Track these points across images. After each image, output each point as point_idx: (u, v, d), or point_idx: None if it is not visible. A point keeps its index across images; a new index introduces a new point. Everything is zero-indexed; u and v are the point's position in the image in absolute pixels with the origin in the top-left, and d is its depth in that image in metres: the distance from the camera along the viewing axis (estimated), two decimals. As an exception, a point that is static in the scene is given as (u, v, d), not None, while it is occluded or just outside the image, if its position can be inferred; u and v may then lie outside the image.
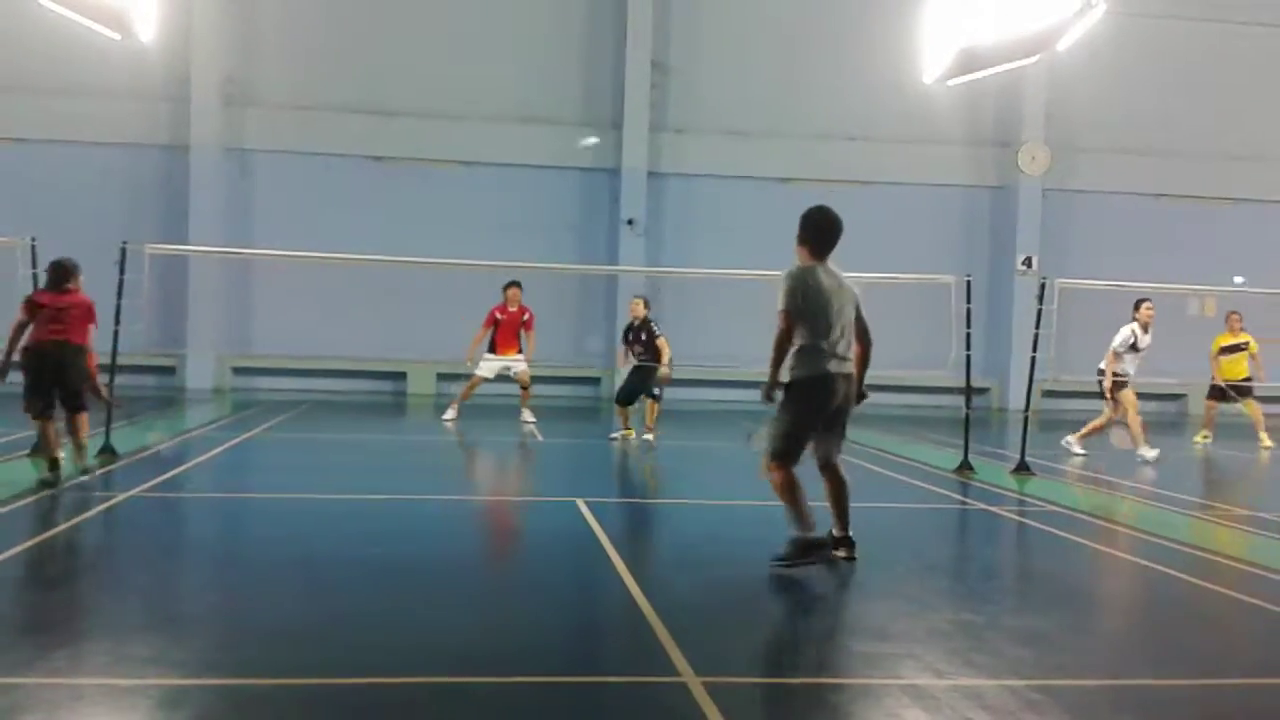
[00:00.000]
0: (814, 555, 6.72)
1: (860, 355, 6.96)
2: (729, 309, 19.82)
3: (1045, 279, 12.28)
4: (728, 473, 11.97)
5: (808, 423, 6.69)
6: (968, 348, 12.06)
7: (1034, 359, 12.02)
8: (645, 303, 14.22)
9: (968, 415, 12.16)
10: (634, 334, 14.02)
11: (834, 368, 6.61)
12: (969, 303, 11.97)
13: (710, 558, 7.37)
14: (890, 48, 19.28)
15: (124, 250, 11.21)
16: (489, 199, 21.01)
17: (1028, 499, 10.32)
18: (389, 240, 18.11)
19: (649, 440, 13.66)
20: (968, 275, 12.46)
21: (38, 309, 9.41)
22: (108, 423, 10.91)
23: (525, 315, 15.65)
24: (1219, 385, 15.74)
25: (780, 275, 6.80)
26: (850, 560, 6.98)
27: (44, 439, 9.43)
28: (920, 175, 22.27)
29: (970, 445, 11.99)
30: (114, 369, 10.96)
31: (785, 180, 21.79)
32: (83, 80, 19.54)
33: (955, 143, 22.48)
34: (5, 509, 8.06)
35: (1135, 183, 22.63)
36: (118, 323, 11.02)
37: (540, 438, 14.29)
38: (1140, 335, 13.17)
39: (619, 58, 21.49)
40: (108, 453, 10.60)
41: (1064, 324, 12.65)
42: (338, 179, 20.82)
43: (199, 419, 15.51)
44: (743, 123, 21.93)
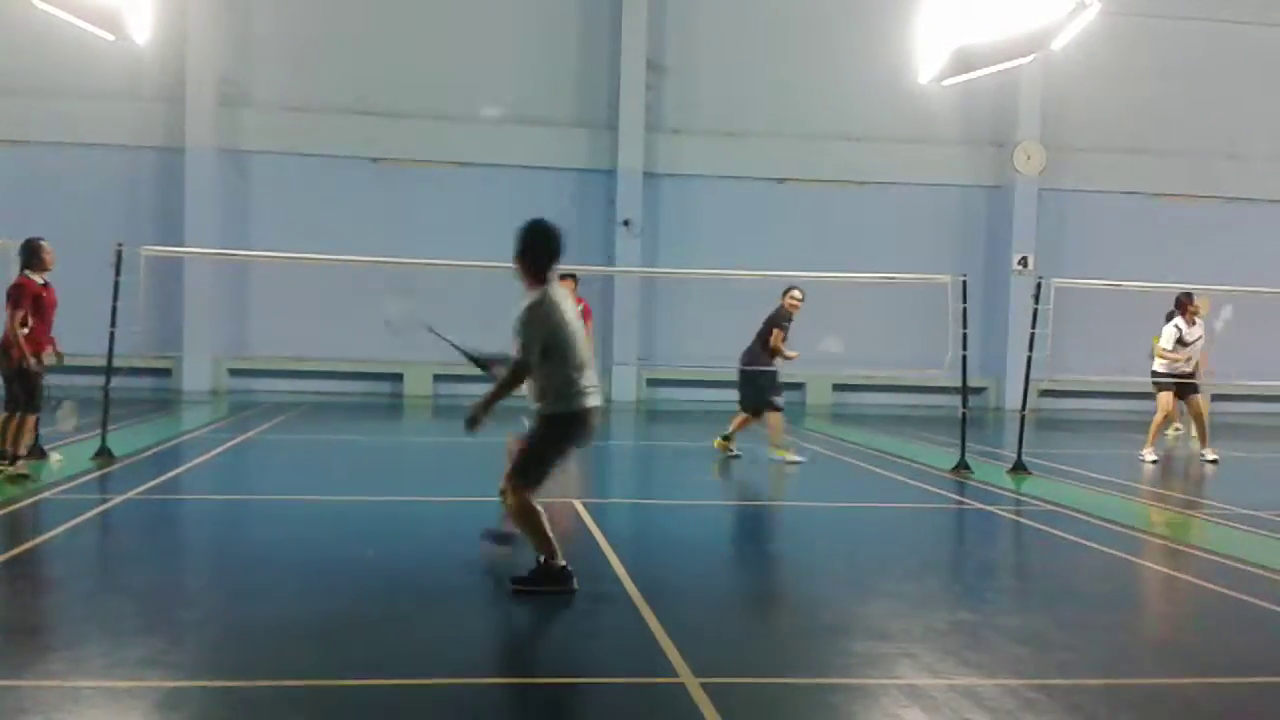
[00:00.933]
0: (555, 585, 6.13)
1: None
2: (725, 309, 19.83)
3: (1041, 278, 12.30)
4: (724, 474, 11.97)
5: (560, 454, 6.29)
6: (964, 348, 12.07)
7: (1030, 358, 12.03)
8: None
9: (964, 415, 12.18)
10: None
11: (592, 402, 6.23)
12: (965, 303, 11.98)
13: (707, 558, 7.37)
14: (885, 47, 19.31)
15: (119, 252, 11.19)
16: (485, 200, 20.97)
17: (1024, 498, 10.33)
18: (385, 241, 18.10)
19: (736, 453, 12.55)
20: (964, 275, 12.48)
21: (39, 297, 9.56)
22: (104, 425, 10.90)
23: (580, 305, 15.35)
24: (1161, 379, 16.05)
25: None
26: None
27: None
28: (916, 175, 22.28)
29: (967, 445, 12.00)
30: (110, 371, 10.94)
31: (781, 181, 21.84)
32: (78, 82, 19.52)
33: (951, 143, 22.49)
34: (1, 511, 8.05)
35: (1131, 182, 22.66)
36: (114, 325, 10.99)
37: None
38: (1186, 329, 13.17)
39: (614, 58, 21.50)
40: (105, 455, 10.59)
41: (1060, 323, 12.66)
42: (333, 180, 20.80)
43: (196, 421, 15.49)
44: (738, 123, 21.94)
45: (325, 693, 4.53)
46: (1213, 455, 13.05)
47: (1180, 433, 16.13)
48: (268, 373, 20.47)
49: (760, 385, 12.31)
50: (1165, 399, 13.16)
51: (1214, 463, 12.91)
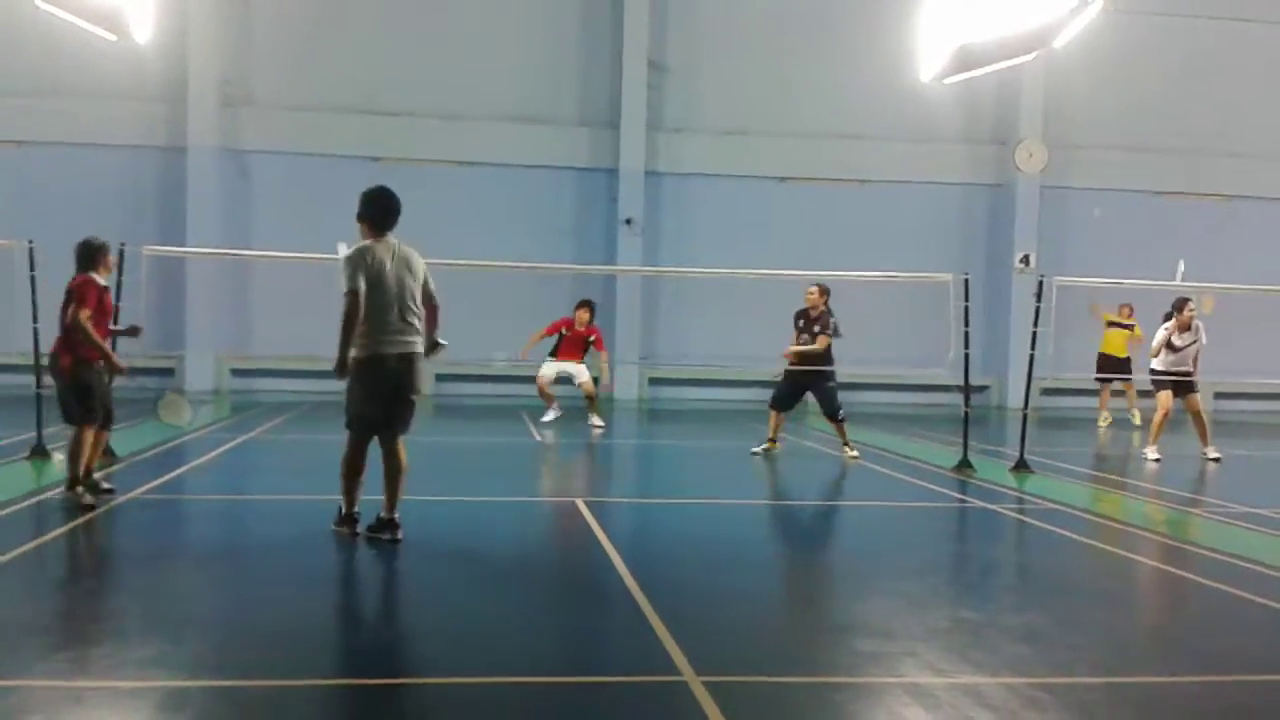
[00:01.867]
0: (346, 526, 7.28)
1: (429, 318, 7.29)
2: (727, 309, 19.87)
3: (1043, 276, 12.29)
4: (726, 472, 11.97)
5: (366, 400, 7.04)
6: (966, 346, 12.06)
7: (1032, 356, 12.02)
8: (820, 290, 12.70)
9: (967, 413, 12.17)
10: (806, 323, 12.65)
11: (389, 348, 6.92)
12: (967, 301, 11.97)
13: (709, 557, 7.37)
14: (887, 46, 19.28)
15: (122, 252, 11.18)
16: (486, 199, 21.00)
17: (1027, 496, 10.33)
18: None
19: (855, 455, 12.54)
20: (966, 273, 12.48)
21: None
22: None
23: (592, 336, 15.93)
24: (1101, 376, 17.59)
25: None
26: (394, 543, 7.13)
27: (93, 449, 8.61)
28: (918, 173, 22.27)
29: (970, 443, 12.00)
30: (112, 371, 10.91)
31: (783, 180, 21.84)
32: (79, 82, 19.53)
33: (953, 141, 22.49)
34: (4, 511, 8.06)
35: (1132, 180, 22.64)
36: (116, 324, 10.97)
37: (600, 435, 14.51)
38: (1177, 335, 13.14)
39: (616, 57, 21.50)
40: (107, 454, 10.57)
41: (1062, 321, 12.66)
42: (335, 179, 20.72)
43: (198, 420, 15.49)
44: (740, 122, 21.94)
45: (328, 692, 4.54)
46: (1215, 453, 13.04)
47: (1108, 423, 17.21)
48: (271, 372, 20.48)
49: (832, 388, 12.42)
50: (1164, 398, 13.15)
51: (1216, 460, 12.90)
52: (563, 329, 15.85)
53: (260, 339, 20.65)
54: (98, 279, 8.51)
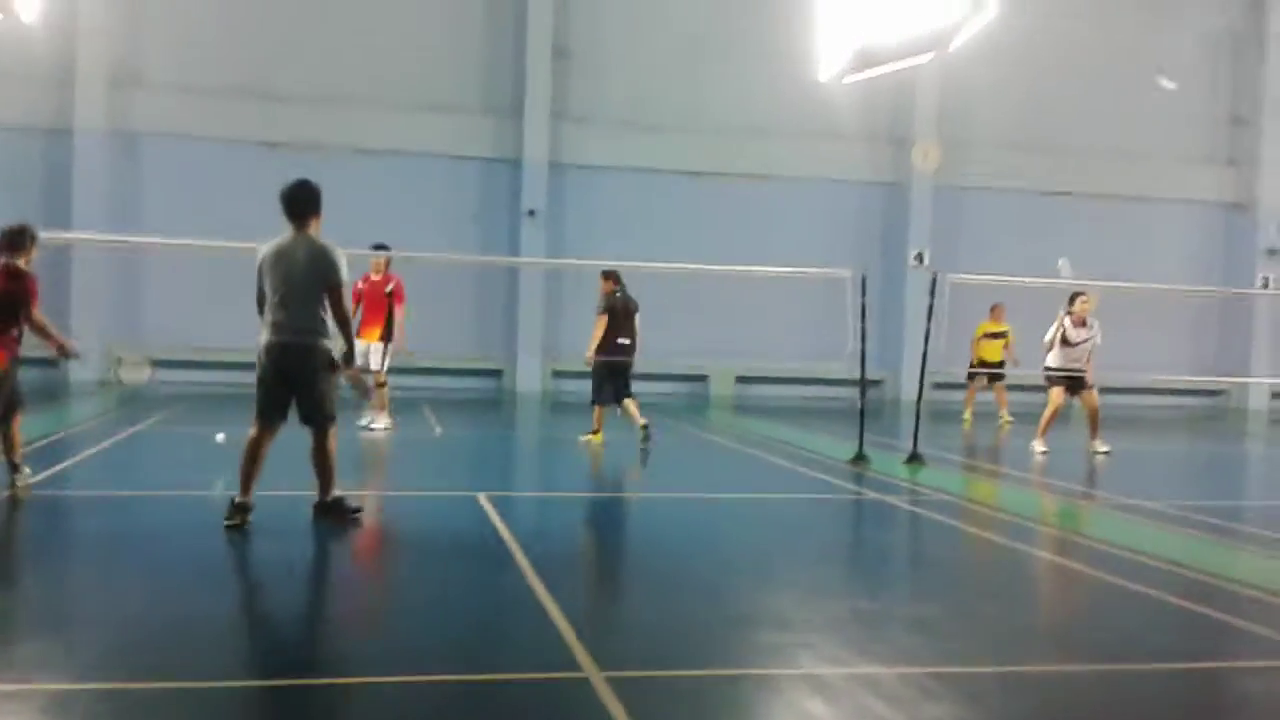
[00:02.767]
0: (237, 515, 7.19)
1: (335, 316, 7.43)
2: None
3: (936, 273, 12.54)
4: (628, 466, 12.00)
5: (263, 386, 7.36)
6: (862, 340, 12.27)
7: (925, 352, 12.28)
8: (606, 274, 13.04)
9: (862, 406, 12.39)
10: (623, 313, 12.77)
11: (271, 337, 7.23)
12: (864, 297, 12.17)
13: (613, 552, 7.39)
14: (790, 44, 19.44)
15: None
16: (386, 188, 20.64)
17: (920, 488, 10.54)
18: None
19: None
20: (863, 269, 12.69)
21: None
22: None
23: (390, 284, 13.23)
24: (975, 370, 17.81)
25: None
26: (355, 524, 7.45)
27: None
28: (818, 170, 22.56)
29: (865, 436, 12.20)
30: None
31: (691, 174, 21.92)
32: (-42, 60, 18.73)
33: (852, 139, 22.81)
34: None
35: (1024, 180, 23.26)
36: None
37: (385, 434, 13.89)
38: (1071, 329, 13.46)
39: (519, 43, 21.35)
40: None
41: (955, 318, 12.95)
42: (229, 164, 20.26)
43: (83, 414, 15.02)
44: (645, 115, 21.95)
45: (222, 694, 4.43)
46: (1104, 447, 13.45)
47: (969, 424, 17.47)
48: (161, 363, 19.85)
49: None
50: (1056, 393, 13.53)
51: (1105, 454, 13.31)
52: (359, 283, 12.91)
53: (151, 329, 20.03)
54: (19, 264, 8.49)
